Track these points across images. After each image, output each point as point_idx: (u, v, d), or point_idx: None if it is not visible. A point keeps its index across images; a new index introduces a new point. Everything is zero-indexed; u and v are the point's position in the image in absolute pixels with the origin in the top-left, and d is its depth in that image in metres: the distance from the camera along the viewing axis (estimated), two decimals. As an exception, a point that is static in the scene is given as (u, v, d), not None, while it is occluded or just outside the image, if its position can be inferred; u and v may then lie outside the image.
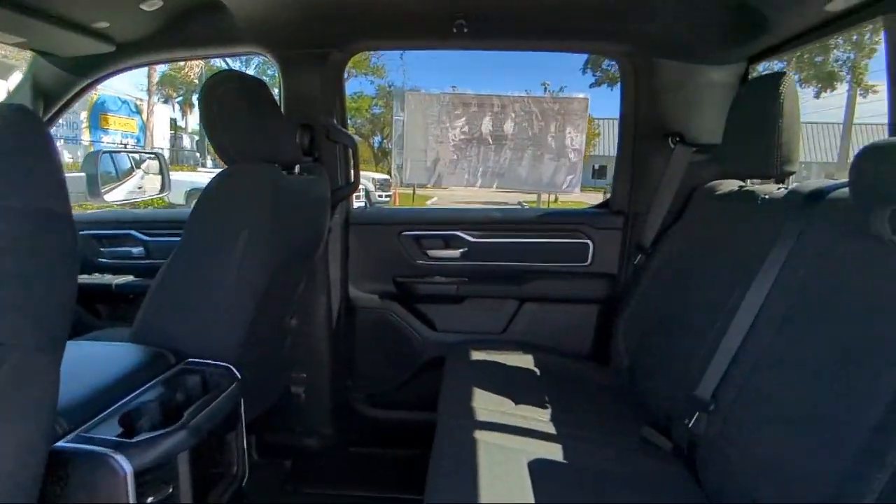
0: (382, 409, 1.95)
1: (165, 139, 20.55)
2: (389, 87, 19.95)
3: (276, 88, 1.76)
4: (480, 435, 1.15)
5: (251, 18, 1.51)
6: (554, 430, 1.24)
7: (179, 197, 9.03)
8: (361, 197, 9.92)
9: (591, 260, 1.87)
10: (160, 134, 19.87)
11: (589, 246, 1.86)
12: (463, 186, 10.06)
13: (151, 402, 0.92)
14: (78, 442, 0.80)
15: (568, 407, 1.39)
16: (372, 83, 21.15)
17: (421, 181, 10.06)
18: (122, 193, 2.33)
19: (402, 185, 11.42)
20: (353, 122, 21.19)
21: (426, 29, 1.63)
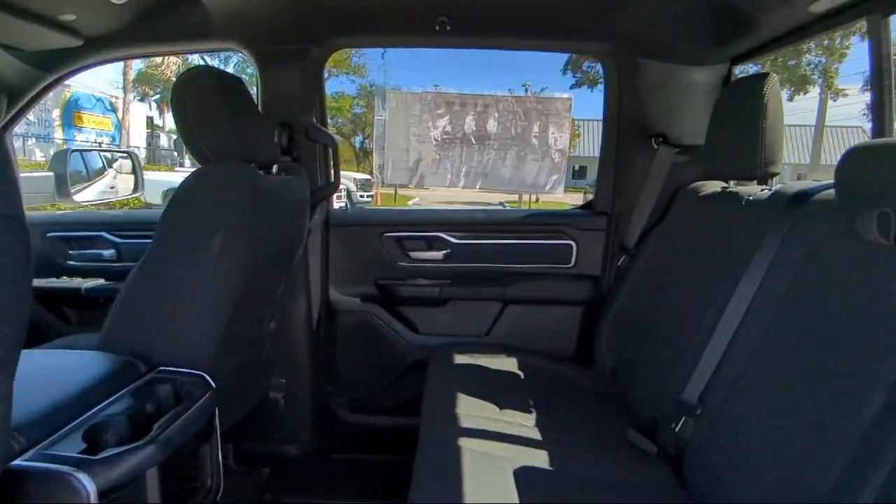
0: (364, 414, 1.92)
1: (142, 138, 20.13)
2: (371, 86, 19.86)
3: (254, 87, 1.71)
4: (465, 442, 1.12)
5: (226, 13, 1.46)
6: (539, 435, 1.22)
7: (156, 197, 8.84)
8: (343, 197, 9.85)
9: (574, 261, 1.85)
10: (136, 133, 19.46)
11: (572, 247, 1.85)
12: (445, 187, 10.01)
13: (118, 414, 0.87)
14: (37, 459, 0.75)
15: (553, 411, 1.37)
16: (353, 83, 21.01)
17: (402, 181, 9.99)
18: (92, 194, 2.26)
19: (383, 185, 11.34)
20: (334, 121, 21.03)
21: (408, 25, 1.60)
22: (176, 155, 20.02)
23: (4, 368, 0.59)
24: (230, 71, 1.65)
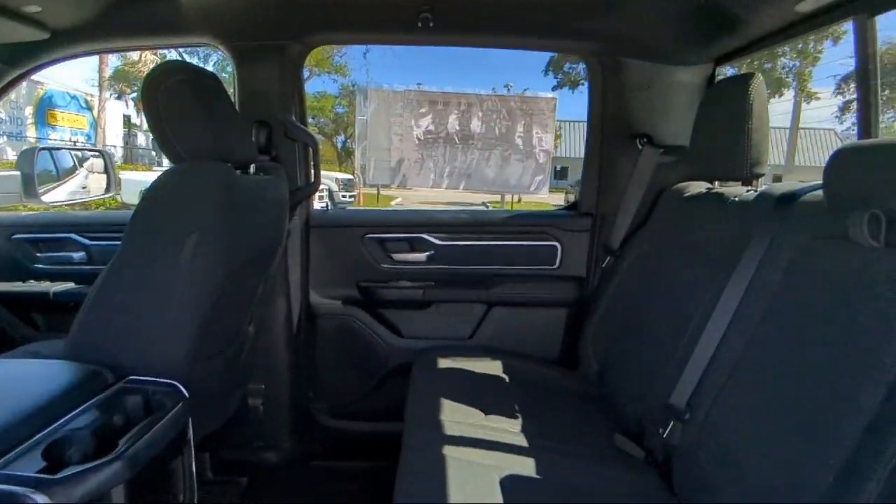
0: (346, 420, 1.87)
1: (118, 137, 19.66)
2: (353, 86, 19.70)
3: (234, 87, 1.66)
4: (449, 450, 1.09)
5: (200, 6, 1.41)
6: (525, 442, 1.19)
7: (134, 197, 8.57)
8: (325, 197, 9.74)
9: (559, 263, 1.84)
10: (113, 131, 18.99)
11: (557, 248, 1.83)
12: (428, 187, 9.93)
13: (82, 428, 0.82)
14: None
15: (538, 415, 1.34)
16: (335, 82, 20.82)
17: (385, 182, 9.86)
18: (63, 194, 2.18)
19: (365, 185, 11.24)
20: (315, 121, 20.85)
21: (390, 21, 1.56)
22: (154, 154, 19.59)
23: None
24: (210, 69, 1.60)
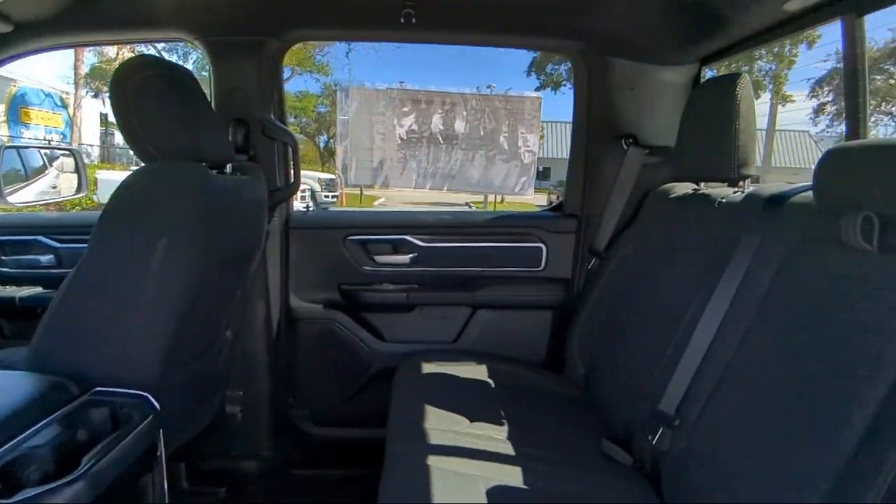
0: (327, 426, 1.82)
1: (95, 136, 19.22)
2: (335, 85, 19.56)
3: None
4: (434, 461, 1.05)
5: None
6: (511, 449, 1.16)
7: (111, 199, 8.40)
8: (307, 198, 9.63)
9: (544, 264, 1.81)
10: (89, 130, 18.56)
11: (542, 250, 1.81)
12: (411, 188, 9.84)
13: (42, 446, 0.77)
14: None
15: (524, 422, 1.31)
16: (318, 81, 20.66)
17: (367, 182, 9.76)
18: (31, 194, 2.09)
19: (347, 185, 11.14)
20: (298, 121, 20.67)
21: (372, 17, 1.52)
22: (132, 153, 19.20)
23: None
24: (189, 67, 1.54)
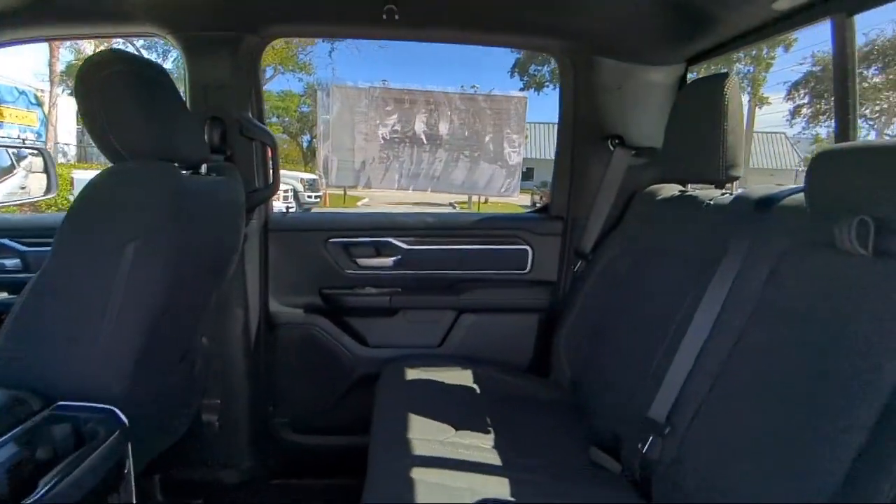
0: (308, 434, 1.77)
1: (72, 134, 18.73)
2: (318, 84, 19.42)
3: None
4: (418, 473, 1.01)
5: None
6: (498, 459, 1.13)
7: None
8: (290, 198, 9.50)
9: (530, 267, 1.78)
10: (65, 128, 18.10)
11: (528, 252, 1.78)
12: (394, 190, 9.73)
13: (-3, 467, 0.72)
14: None
15: (510, 429, 1.28)
16: (300, 81, 20.49)
17: (349, 183, 9.60)
18: (-2, 195, 2.03)
19: (328, 185, 11.02)
20: (280, 121, 20.46)
21: (353, 14, 1.47)
22: (110, 153, 18.74)
23: None
24: (168, 66, 1.48)
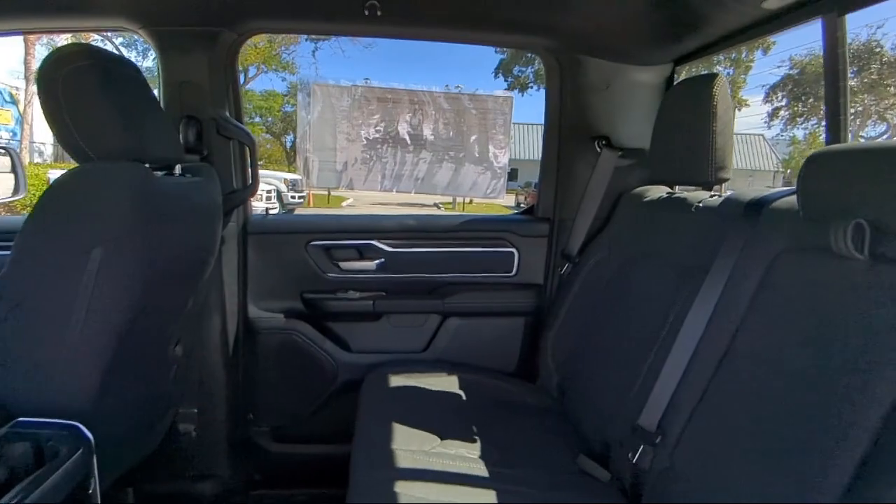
0: (290, 443, 1.72)
1: (48, 133, 18.34)
2: (299, 83, 19.24)
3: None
4: (402, 488, 0.97)
5: None
6: (485, 470, 1.09)
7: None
8: (273, 199, 9.37)
9: (516, 270, 1.75)
10: (41, 127, 17.69)
11: (514, 255, 1.75)
12: (378, 191, 9.61)
13: (-55, 492, 0.66)
14: None
15: (497, 438, 1.25)
16: (284, 81, 20.30)
17: (330, 185, 9.45)
18: (-39, 196, 1.93)
19: (310, 186, 10.88)
20: (264, 120, 20.25)
21: (334, 9, 1.42)
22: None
23: None
24: (148, 65, 1.43)
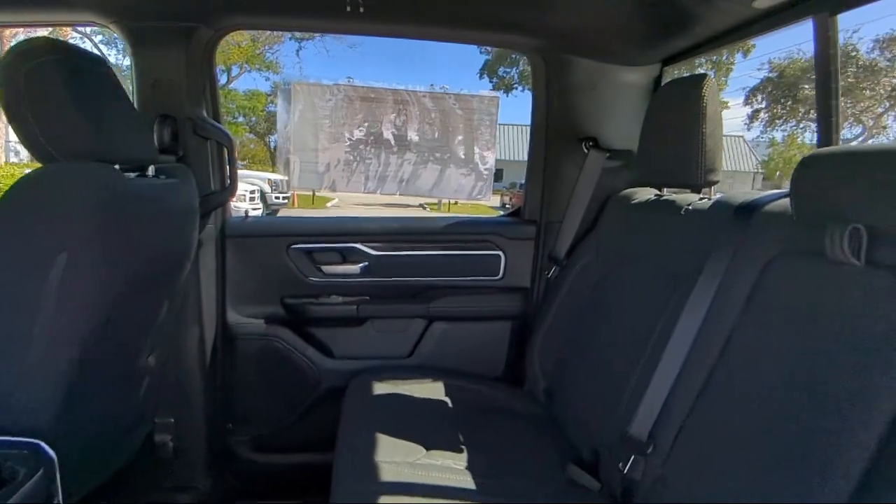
0: (271, 453, 1.67)
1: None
2: (280, 82, 19.09)
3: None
4: (388, 500, 0.94)
5: None
6: (472, 482, 1.06)
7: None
8: (257, 199, 9.23)
9: (502, 273, 1.72)
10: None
11: (501, 258, 1.72)
12: (361, 193, 9.53)
13: None
14: None
15: (485, 447, 1.22)
16: (267, 80, 20.10)
17: (312, 186, 9.34)
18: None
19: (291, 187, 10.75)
20: (247, 120, 20.05)
21: (315, 5, 1.38)
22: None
23: None
24: (128, 62, 1.37)
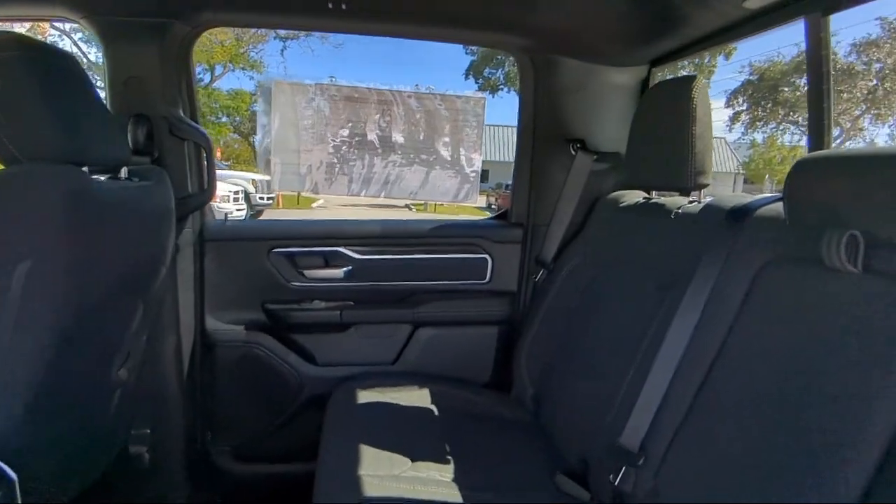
0: (252, 463, 1.62)
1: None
2: (262, 82, 18.87)
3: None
4: None
5: None
6: (459, 496, 1.03)
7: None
8: (241, 200, 9.10)
9: (489, 277, 1.69)
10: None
11: (487, 261, 1.69)
12: (345, 195, 9.47)
13: None
14: None
15: (472, 458, 1.19)
16: (252, 80, 19.83)
17: (295, 188, 9.25)
18: None
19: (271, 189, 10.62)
20: (231, 120, 19.78)
21: (295, 1, 1.34)
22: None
23: None
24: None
